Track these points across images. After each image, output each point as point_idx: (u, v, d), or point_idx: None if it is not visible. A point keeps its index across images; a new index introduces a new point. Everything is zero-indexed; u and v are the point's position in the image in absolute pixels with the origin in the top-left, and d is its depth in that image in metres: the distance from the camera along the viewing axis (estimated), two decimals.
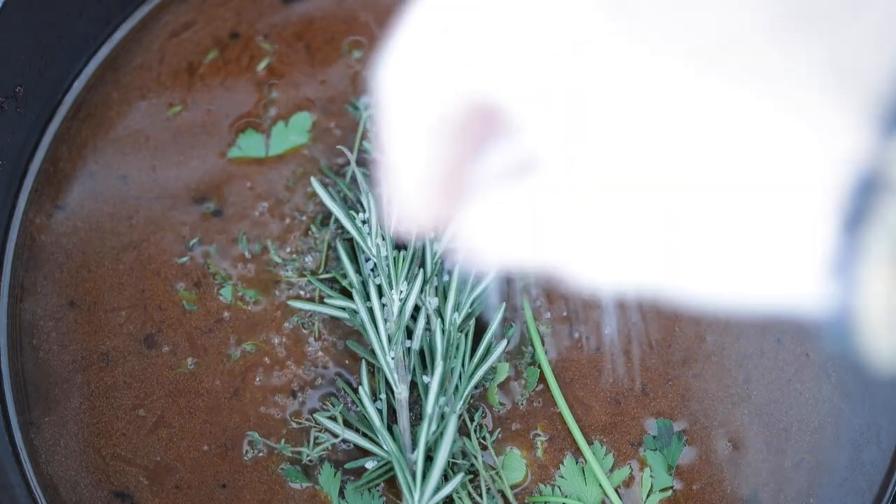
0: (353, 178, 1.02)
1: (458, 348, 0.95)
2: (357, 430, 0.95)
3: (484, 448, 0.96)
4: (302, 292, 1.00)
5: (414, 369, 0.95)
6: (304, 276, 1.00)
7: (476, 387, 0.97)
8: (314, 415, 0.96)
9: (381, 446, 0.94)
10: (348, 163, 1.03)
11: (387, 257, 0.95)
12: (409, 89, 0.48)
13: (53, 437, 0.96)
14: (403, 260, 0.94)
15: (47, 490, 0.96)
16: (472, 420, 0.97)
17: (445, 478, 0.93)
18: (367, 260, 0.97)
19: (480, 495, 0.94)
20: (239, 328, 0.99)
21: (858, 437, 0.98)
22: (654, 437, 0.97)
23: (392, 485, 0.96)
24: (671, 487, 0.96)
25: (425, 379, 0.95)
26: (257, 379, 0.98)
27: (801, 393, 0.99)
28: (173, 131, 1.04)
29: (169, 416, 0.97)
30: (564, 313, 1.00)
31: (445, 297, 0.96)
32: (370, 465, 0.95)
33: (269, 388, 0.98)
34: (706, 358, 0.99)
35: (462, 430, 0.96)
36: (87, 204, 1.02)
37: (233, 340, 0.99)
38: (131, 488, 0.95)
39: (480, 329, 0.98)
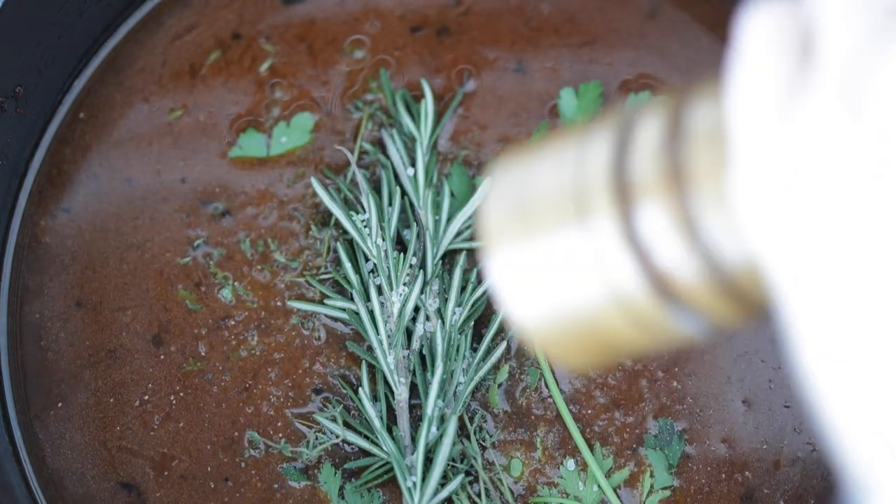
0: (354, 179, 0.98)
1: (458, 350, 0.91)
2: (357, 431, 0.91)
3: (484, 449, 0.92)
4: (303, 292, 0.96)
5: (414, 370, 0.91)
6: (305, 276, 0.96)
7: (476, 388, 0.93)
8: (314, 415, 0.93)
9: (380, 447, 0.90)
10: (349, 163, 0.98)
11: (387, 258, 0.91)
12: None
13: (59, 430, 0.94)
14: (404, 261, 0.90)
15: (48, 487, 0.93)
16: (471, 422, 0.92)
17: (445, 479, 0.89)
18: (367, 260, 0.94)
19: (480, 497, 0.90)
20: (241, 328, 0.95)
21: None
22: (655, 436, 0.93)
23: (392, 486, 0.92)
24: (671, 487, 0.92)
25: (428, 377, 0.90)
26: (260, 378, 0.94)
27: (795, 392, 0.95)
28: (175, 135, 1.01)
29: (176, 411, 0.94)
30: None
31: (446, 299, 0.92)
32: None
33: (270, 388, 0.94)
34: (700, 356, 0.95)
35: (462, 432, 0.92)
36: (91, 206, 0.99)
37: (236, 340, 0.95)
38: (137, 479, 0.92)
39: (480, 330, 0.95)
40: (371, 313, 0.91)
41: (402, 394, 0.90)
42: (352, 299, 0.92)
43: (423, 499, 0.86)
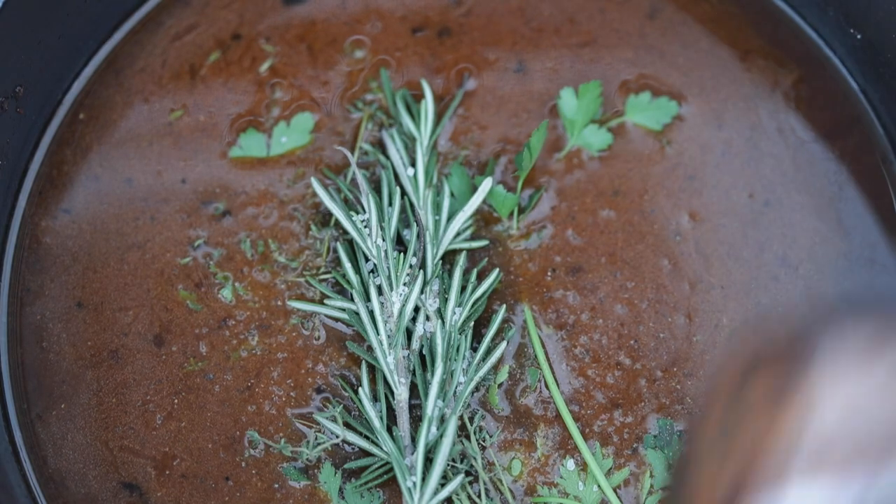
0: (354, 179, 0.97)
1: (458, 350, 0.90)
2: (357, 431, 0.90)
3: (484, 449, 0.91)
4: (303, 292, 0.95)
5: (414, 370, 0.90)
6: (305, 276, 0.95)
7: (476, 388, 0.92)
8: (314, 415, 0.92)
9: (380, 447, 0.88)
10: (349, 163, 0.97)
11: (387, 258, 0.90)
12: None
13: (61, 431, 0.93)
14: (404, 261, 0.89)
15: (49, 487, 0.92)
16: (471, 422, 0.91)
17: (445, 479, 0.88)
18: (367, 260, 0.92)
19: (480, 497, 0.89)
20: (242, 328, 0.95)
21: None
22: (655, 436, 0.92)
23: (392, 486, 0.91)
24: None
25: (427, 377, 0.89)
26: (263, 378, 0.93)
27: None
28: (175, 135, 1.00)
29: (177, 411, 0.93)
30: (562, 317, 0.95)
31: (446, 299, 0.91)
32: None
33: (272, 387, 0.93)
34: (699, 356, 0.94)
35: (462, 432, 0.91)
36: (91, 206, 0.98)
37: (236, 340, 0.94)
38: (139, 479, 0.92)
39: (480, 331, 0.94)
40: (371, 313, 0.90)
41: (402, 394, 0.89)
42: (352, 299, 0.91)
43: (423, 499, 0.85)
